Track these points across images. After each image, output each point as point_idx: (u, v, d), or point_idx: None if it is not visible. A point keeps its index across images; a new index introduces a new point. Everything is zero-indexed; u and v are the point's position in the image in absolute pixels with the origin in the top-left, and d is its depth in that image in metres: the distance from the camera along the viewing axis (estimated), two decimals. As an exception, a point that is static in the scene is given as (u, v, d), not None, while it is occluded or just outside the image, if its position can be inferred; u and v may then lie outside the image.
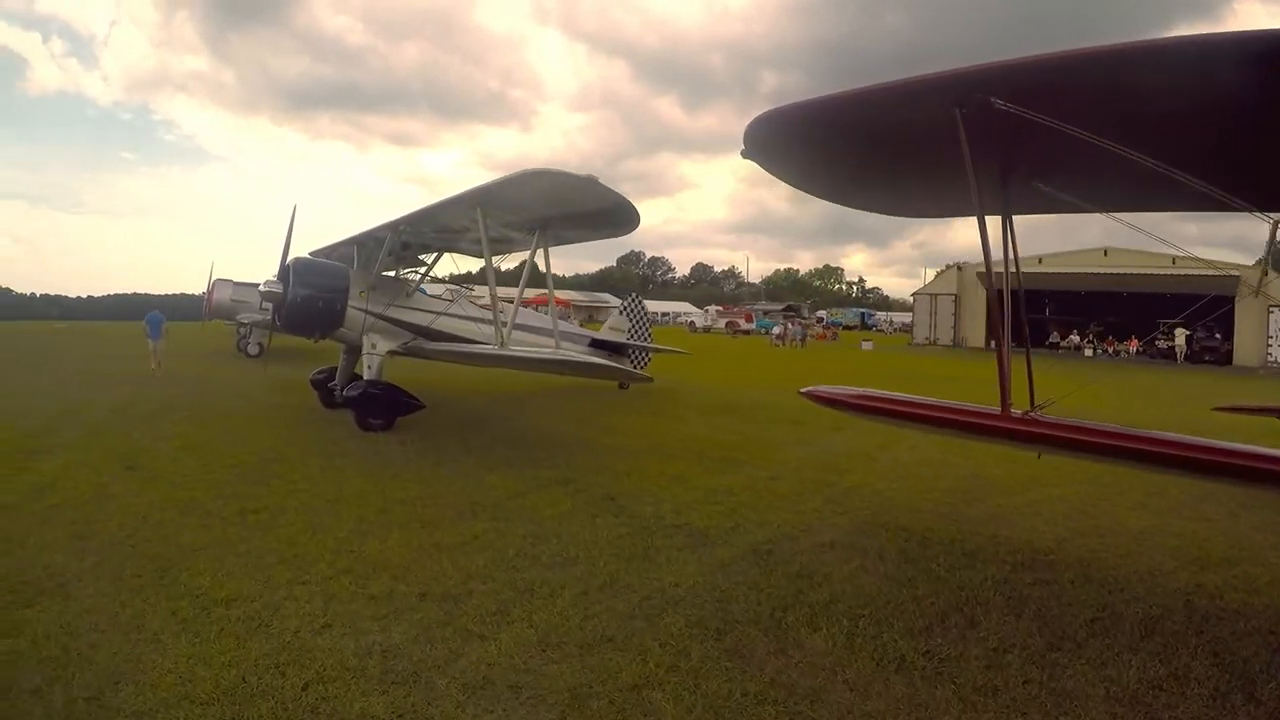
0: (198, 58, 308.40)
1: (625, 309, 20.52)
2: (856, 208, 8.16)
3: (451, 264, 16.74)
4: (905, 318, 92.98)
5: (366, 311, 13.58)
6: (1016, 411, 5.39)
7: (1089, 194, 6.30)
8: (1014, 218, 6.77)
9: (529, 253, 12.42)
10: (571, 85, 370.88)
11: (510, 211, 11.71)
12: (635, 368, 18.74)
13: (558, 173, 10.17)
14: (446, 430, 13.09)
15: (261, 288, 13.59)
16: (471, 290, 16.51)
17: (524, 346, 13.70)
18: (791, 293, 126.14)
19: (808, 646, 5.18)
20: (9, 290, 78.00)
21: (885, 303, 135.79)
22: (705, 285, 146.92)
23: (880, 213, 8.53)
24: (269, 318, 14.24)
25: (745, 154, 6.03)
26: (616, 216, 11.15)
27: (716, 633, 5.38)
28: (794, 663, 4.95)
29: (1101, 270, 48.36)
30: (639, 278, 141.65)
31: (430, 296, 14.90)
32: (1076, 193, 6.18)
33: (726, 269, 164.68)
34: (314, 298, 13.15)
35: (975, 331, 56.08)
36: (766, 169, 6.57)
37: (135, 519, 7.62)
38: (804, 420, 15.11)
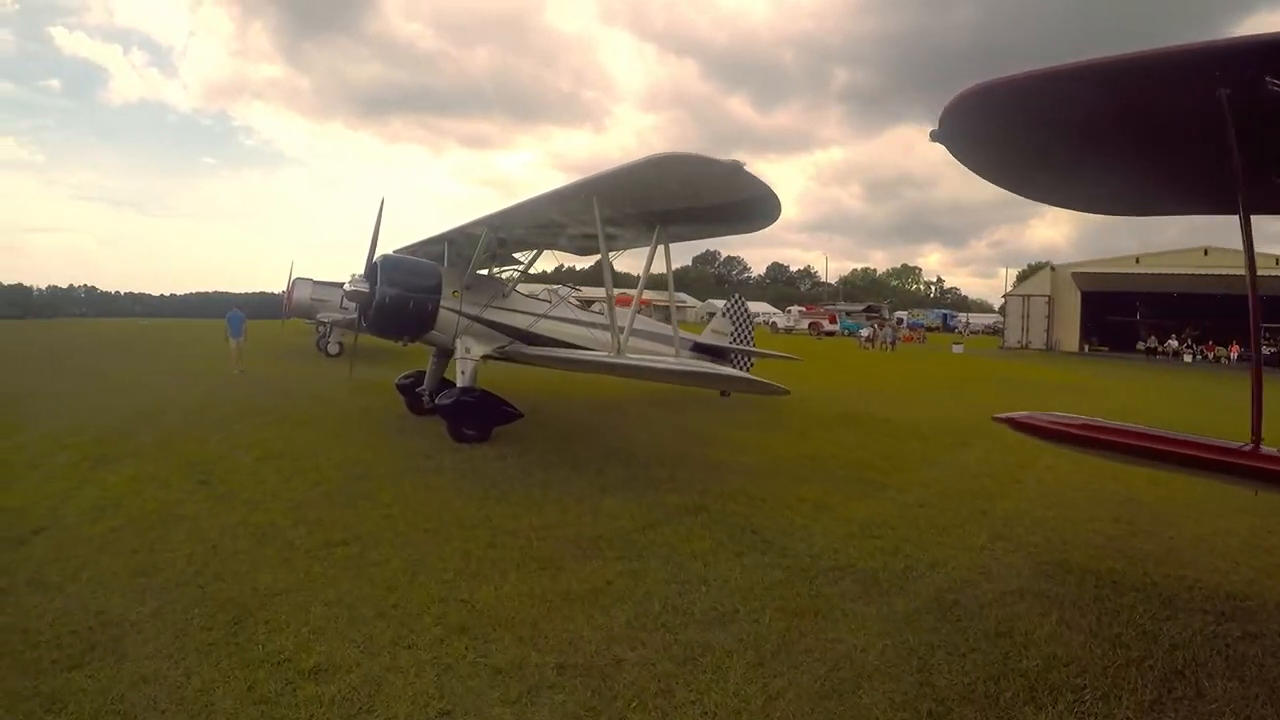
0: (273, 66, 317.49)
1: (728, 310, 19.08)
2: (1061, 205, 7.19)
3: (553, 261, 15.54)
4: (983, 319, 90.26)
5: (460, 313, 12.46)
6: (1271, 449, 4.66)
7: None
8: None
9: (650, 249, 10.77)
10: (642, 85, 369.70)
11: (631, 203, 10.17)
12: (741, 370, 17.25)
13: (697, 158, 8.64)
14: (546, 443, 11.93)
15: (346, 287, 12.56)
16: (577, 290, 15.23)
17: (634, 353, 12.26)
18: (869, 293, 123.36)
19: (1038, 731, 4.20)
20: (94, 289, 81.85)
21: (964, 303, 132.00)
22: (781, 285, 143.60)
23: (1089, 211, 7.31)
24: (354, 318, 13.22)
25: (935, 136, 5.16)
26: (757, 209, 9.59)
27: (930, 717, 4.35)
28: (1030, 754, 3.99)
29: (1202, 271, 45.31)
30: (714, 277, 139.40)
31: (525, 297, 13.70)
32: None
33: (802, 268, 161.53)
34: (403, 298, 12.09)
35: (1069, 335, 54.22)
36: (958, 157, 5.58)
37: (206, 549, 6.58)
38: (926, 435, 14.26)
